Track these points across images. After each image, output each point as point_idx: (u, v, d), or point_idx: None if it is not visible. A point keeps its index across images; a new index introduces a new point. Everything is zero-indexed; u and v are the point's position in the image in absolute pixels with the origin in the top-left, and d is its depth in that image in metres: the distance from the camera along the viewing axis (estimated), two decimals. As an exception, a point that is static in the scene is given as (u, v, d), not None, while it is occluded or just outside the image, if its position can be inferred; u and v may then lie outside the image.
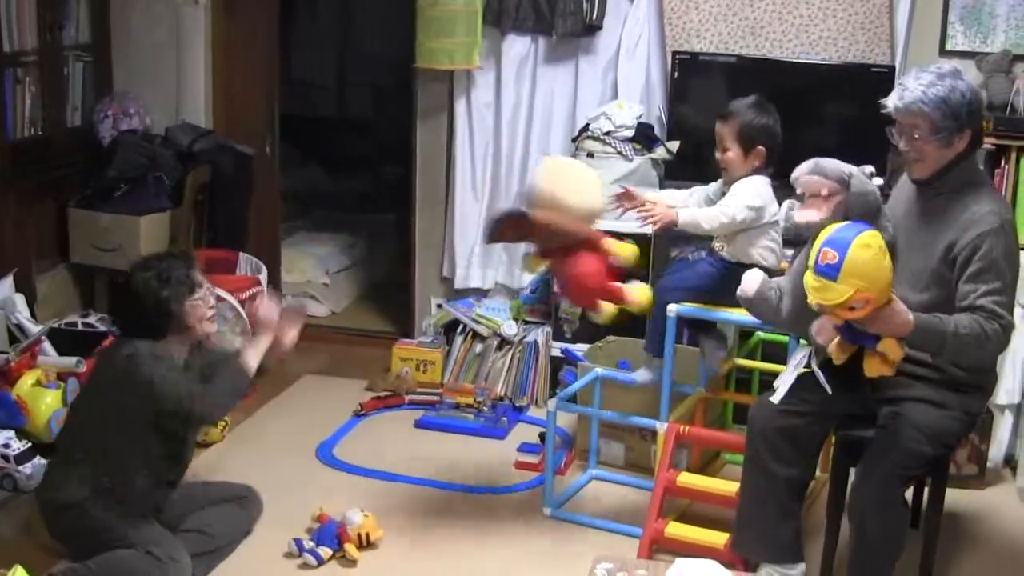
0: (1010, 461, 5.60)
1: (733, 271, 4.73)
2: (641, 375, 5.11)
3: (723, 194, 4.86)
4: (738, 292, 4.32)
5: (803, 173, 3.96)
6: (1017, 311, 5.36)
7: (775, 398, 4.25)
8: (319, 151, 10.14)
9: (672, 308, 4.79)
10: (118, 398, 4.27)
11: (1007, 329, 3.83)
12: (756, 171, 4.75)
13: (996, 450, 5.52)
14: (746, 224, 4.70)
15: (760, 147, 4.71)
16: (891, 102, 4.01)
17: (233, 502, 4.70)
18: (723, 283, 4.77)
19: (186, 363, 4.47)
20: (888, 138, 4.18)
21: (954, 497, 4.43)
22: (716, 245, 4.89)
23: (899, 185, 4.31)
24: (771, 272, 4.55)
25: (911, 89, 3.94)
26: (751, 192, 4.69)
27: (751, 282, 4.25)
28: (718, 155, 4.81)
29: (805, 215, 3.97)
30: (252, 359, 4.46)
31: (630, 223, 5.45)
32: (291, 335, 4.61)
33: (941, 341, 3.77)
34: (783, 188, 4.59)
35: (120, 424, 4.28)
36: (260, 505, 4.82)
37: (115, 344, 4.52)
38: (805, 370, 4.25)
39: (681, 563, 3.10)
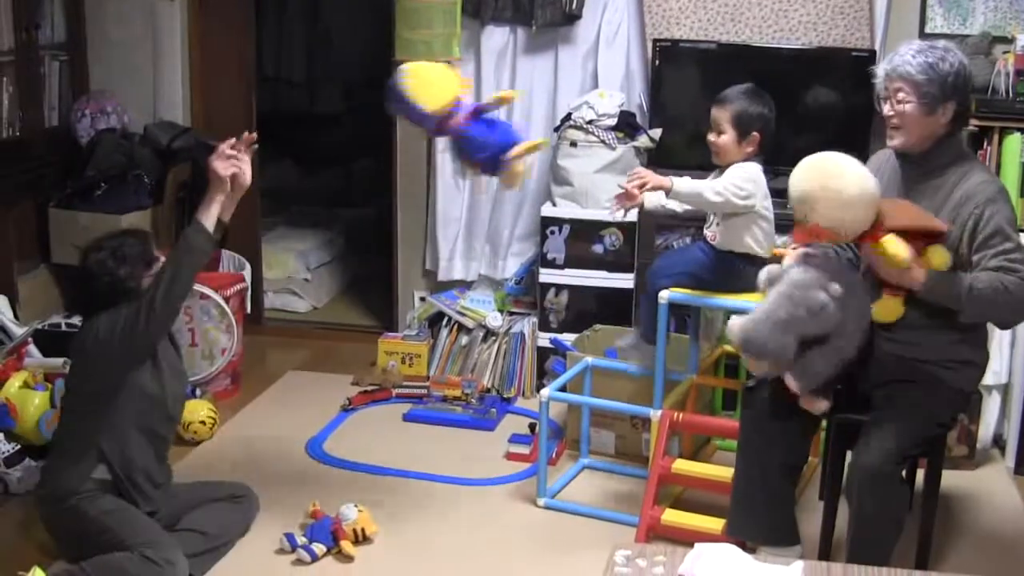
0: (999, 441, 5.63)
1: (724, 258, 4.76)
2: (626, 340, 5.19)
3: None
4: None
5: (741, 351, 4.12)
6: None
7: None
8: (292, 147, 10.09)
9: (663, 295, 4.79)
10: (91, 366, 4.31)
11: None
12: (748, 157, 4.76)
13: (985, 431, 5.56)
14: (737, 208, 4.70)
15: (755, 134, 4.73)
16: (880, 67, 4.10)
17: (229, 501, 4.66)
18: (714, 270, 4.80)
19: None
20: (875, 107, 4.19)
21: (945, 478, 4.42)
22: (708, 234, 4.90)
23: (876, 160, 4.32)
24: (762, 260, 4.58)
25: (901, 53, 4.03)
26: (743, 176, 4.69)
27: None
28: (711, 138, 4.81)
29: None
30: (206, 218, 4.28)
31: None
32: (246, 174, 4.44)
33: (957, 295, 3.88)
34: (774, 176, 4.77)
35: (100, 394, 4.30)
36: (257, 503, 4.79)
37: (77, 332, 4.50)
38: None
39: (701, 548, 3.10)
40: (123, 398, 4.30)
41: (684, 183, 4.70)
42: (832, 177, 3.88)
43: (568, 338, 5.99)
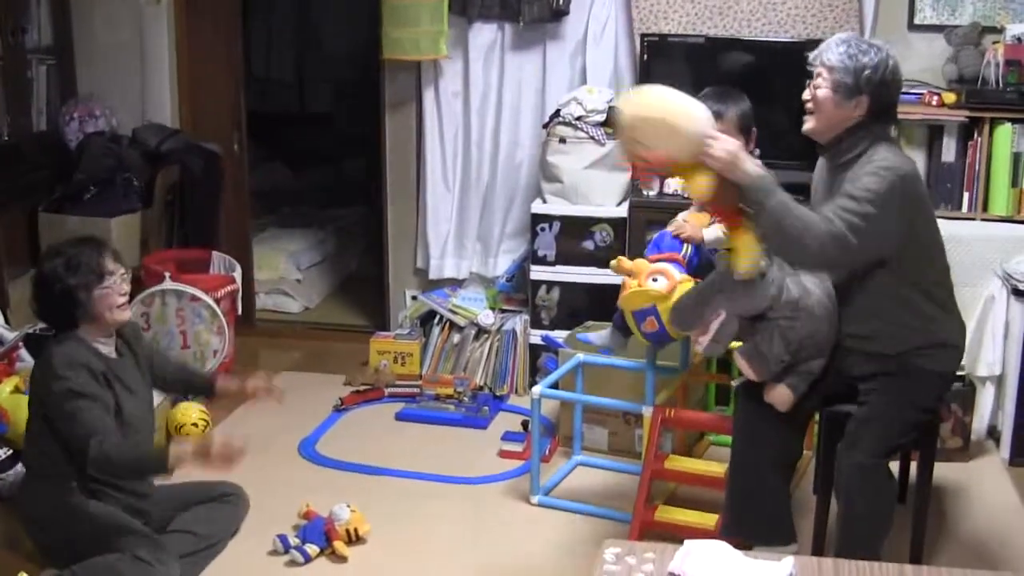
0: (993, 432, 5.62)
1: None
2: (599, 337, 5.13)
3: None
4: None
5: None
6: (995, 283, 5.40)
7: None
8: (282, 147, 10.08)
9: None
10: (43, 404, 4.24)
11: (840, 239, 3.77)
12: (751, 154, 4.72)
13: (979, 422, 5.54)
14: None
15: (754, 129, 4.72)
16: (811, 54, 4.14)
17: (219, 501, 4.63)
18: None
19: (119, 353, 4.40)
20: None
21: (940, 471, 4.43)
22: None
23: (817, 166, 4.35)
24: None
25: (828, 43, 4.06)
26: None
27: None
28: None
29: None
30: (177, 458, 4.08)
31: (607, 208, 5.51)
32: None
33: (769, 199, 3.80)
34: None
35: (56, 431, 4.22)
36: (247, 503, 4.75)
37: (43, 348, 4.44)
38: None
39: (690, 545, 3.09)
40: None
41: (711, 232, 4.69)
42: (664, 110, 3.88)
43: (560, 335, 5.97)
